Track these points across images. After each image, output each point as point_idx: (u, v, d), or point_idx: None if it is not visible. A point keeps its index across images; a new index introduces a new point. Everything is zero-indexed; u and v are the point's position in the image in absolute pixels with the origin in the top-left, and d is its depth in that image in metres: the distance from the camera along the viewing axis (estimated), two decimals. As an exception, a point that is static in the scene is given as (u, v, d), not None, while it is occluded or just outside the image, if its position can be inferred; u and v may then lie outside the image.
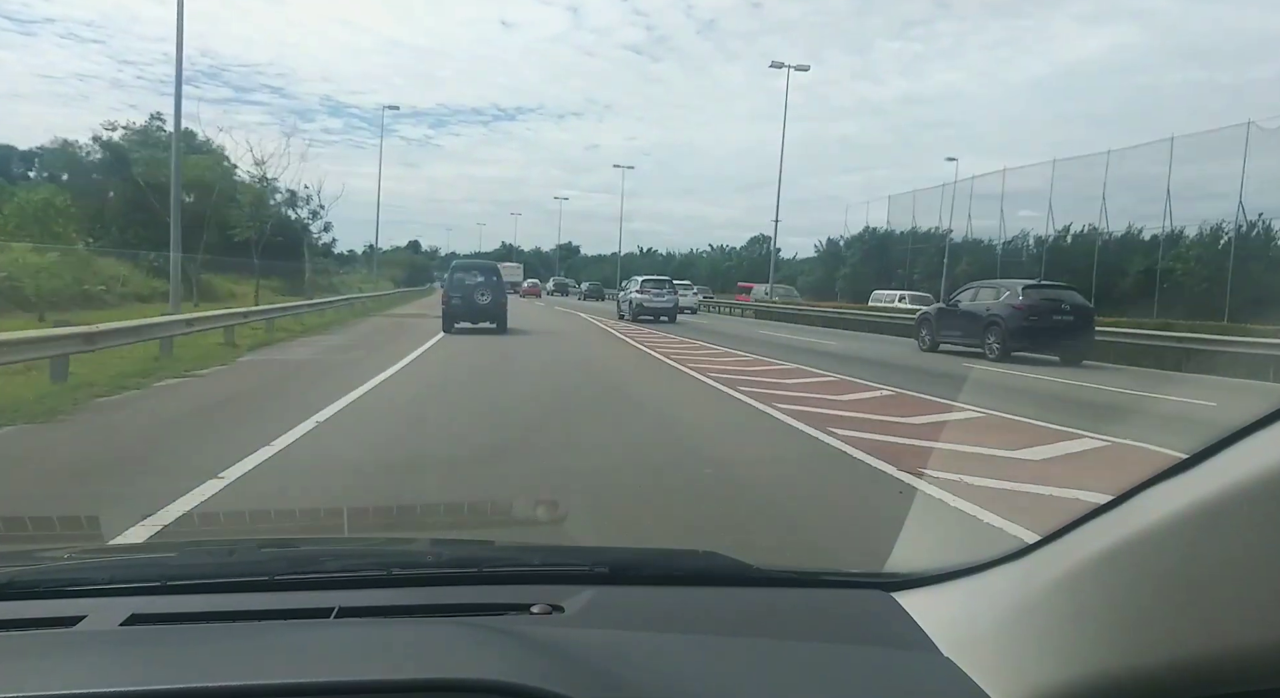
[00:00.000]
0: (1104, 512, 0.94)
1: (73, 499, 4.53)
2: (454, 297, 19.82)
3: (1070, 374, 14.38)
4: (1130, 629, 0.86)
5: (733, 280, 62.67)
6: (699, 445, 6.85)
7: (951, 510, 4.70)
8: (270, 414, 7.64)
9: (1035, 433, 7.57)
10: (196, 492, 4.58)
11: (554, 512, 3.71)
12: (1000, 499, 4.91)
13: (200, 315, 14.69)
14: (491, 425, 7.48)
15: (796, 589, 1.47)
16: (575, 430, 7.42)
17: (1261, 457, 0.75)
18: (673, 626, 1.23)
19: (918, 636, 1.20)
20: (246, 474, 5.09)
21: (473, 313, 19.72)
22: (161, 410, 7.83)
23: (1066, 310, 16.71)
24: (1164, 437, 7.50)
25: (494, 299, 19.73)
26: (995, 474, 5.62)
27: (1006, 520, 4.47)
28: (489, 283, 19.93)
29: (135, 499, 4.33)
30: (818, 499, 5.20)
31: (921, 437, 7.19)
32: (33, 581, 1.30)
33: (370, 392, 9.17)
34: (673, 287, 30.38)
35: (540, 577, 1.41)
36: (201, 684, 0.94)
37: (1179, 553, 0.81)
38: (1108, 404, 10.68)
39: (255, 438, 6.09)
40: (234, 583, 1.32)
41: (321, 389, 9.12)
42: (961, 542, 4.18)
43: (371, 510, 4.06)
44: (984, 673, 1.04)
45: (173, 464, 5.54)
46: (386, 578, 1.36)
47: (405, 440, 6.73)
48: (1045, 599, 0.98)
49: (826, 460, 6.26)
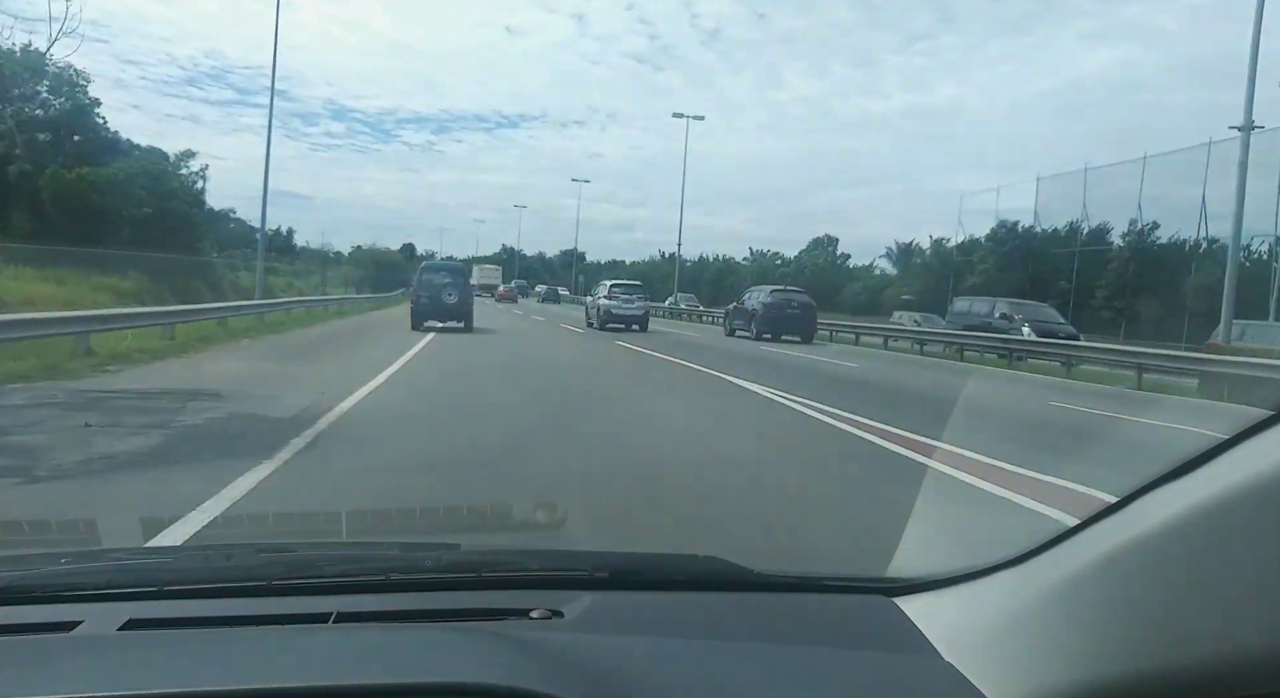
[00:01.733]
0: (1104, 516, 0.93)
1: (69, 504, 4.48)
2: (422, 296, 20.87)
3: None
4: (1131, 634, 0.85)
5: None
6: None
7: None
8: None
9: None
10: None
11: (553, 515, 3.70)
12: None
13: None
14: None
15: (797, 594, 1.46)
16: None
17: (1261, 460, 0.75)
18: (673, 630, 1.23)
19: (919, 640, 1.20)
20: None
21: (440, 312, 20.68)
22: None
23: (795, 307, 24.64)
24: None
25: (460, 299, 20.85)
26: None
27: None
28: (456, 284, 21.04)
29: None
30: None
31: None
32: (29, 585, 1.29)
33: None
34: (643, 293, 27.86)
35: (539, 582, 1.40)
36: (199, 689, 0.94)
37: (1179, 557, 0.80)
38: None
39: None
40: (231, 588, 1.31)
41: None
42: (963, 547, 4.18)
43: (370, 514, 4.05)
44: (985, 678, 1.04)
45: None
46: (385, 583, 1.36)
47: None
48: (1046, 604, 0.98)
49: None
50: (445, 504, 4.37)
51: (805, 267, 67.11)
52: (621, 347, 18.46)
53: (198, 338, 15.34)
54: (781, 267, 70.81)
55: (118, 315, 14.23)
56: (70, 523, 3.47)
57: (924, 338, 24.55)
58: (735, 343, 22.63)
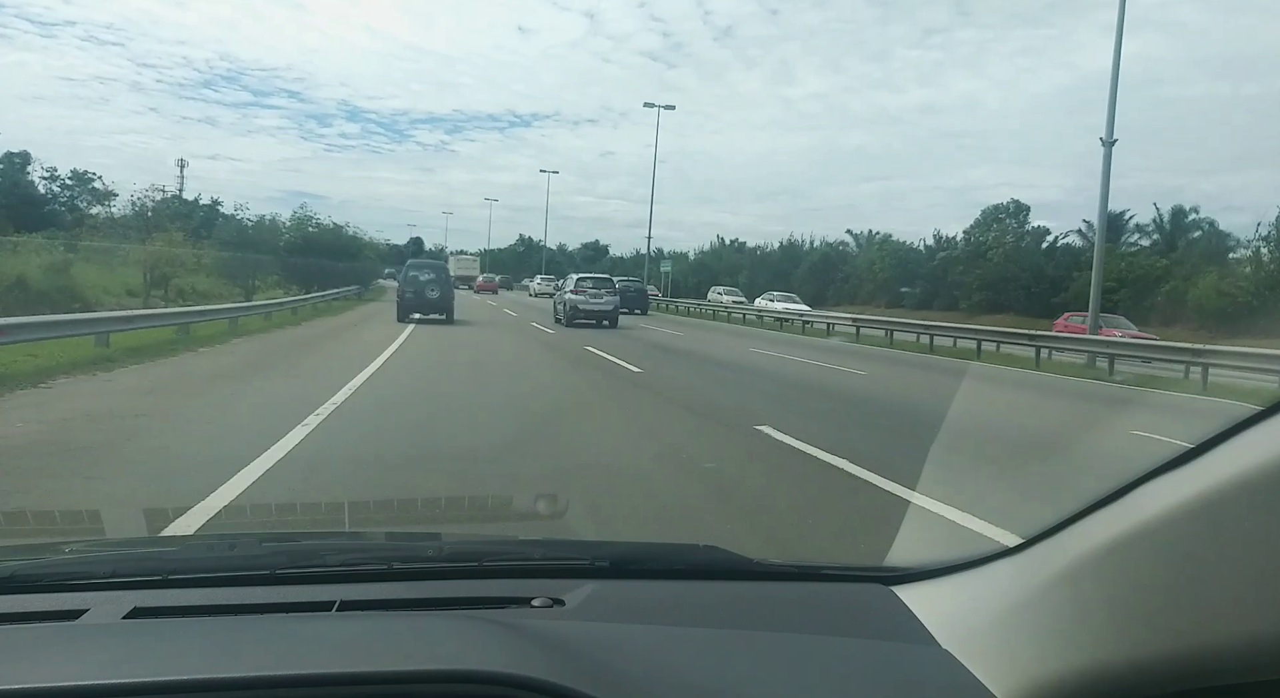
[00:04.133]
0: (1102, 506, 0.94)
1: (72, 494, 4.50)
2: (407, 291, 22.87)
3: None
4: (1128, 622, 0.86)
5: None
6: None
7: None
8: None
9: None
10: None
11: (554, 505, 3.71)
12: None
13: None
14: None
15: (796, 583, 1.47)
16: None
17: (1260, 450, 0.75)
18: (673, 619, 1.23)
19: (917, 629, 1.21)
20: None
21: (423, 305, 22.62)
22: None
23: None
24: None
25: (442, 294, 22.92)
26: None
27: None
28: (439, 280, 23.22)
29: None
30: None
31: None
32: (35, 574, 1.30)
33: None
34: (613, 286, 25.72)
35: (541, 571, 1.41)
36: (203, 677, 0.94)
37: (1177, 547, 0.81)
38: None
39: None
40: (235, 577, 1.32)
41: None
42: (960, 537, 4.20)
43: (372, 504, 4.06)
44: (982, 666, 1.04)
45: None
46: (387, 572, 1.36)
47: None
48: (1043, 593, 0.98)
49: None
50: (447, 495, 4.39)
51: (887, 255, 54.78)
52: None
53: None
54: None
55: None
56: (74, 513, 3.48)
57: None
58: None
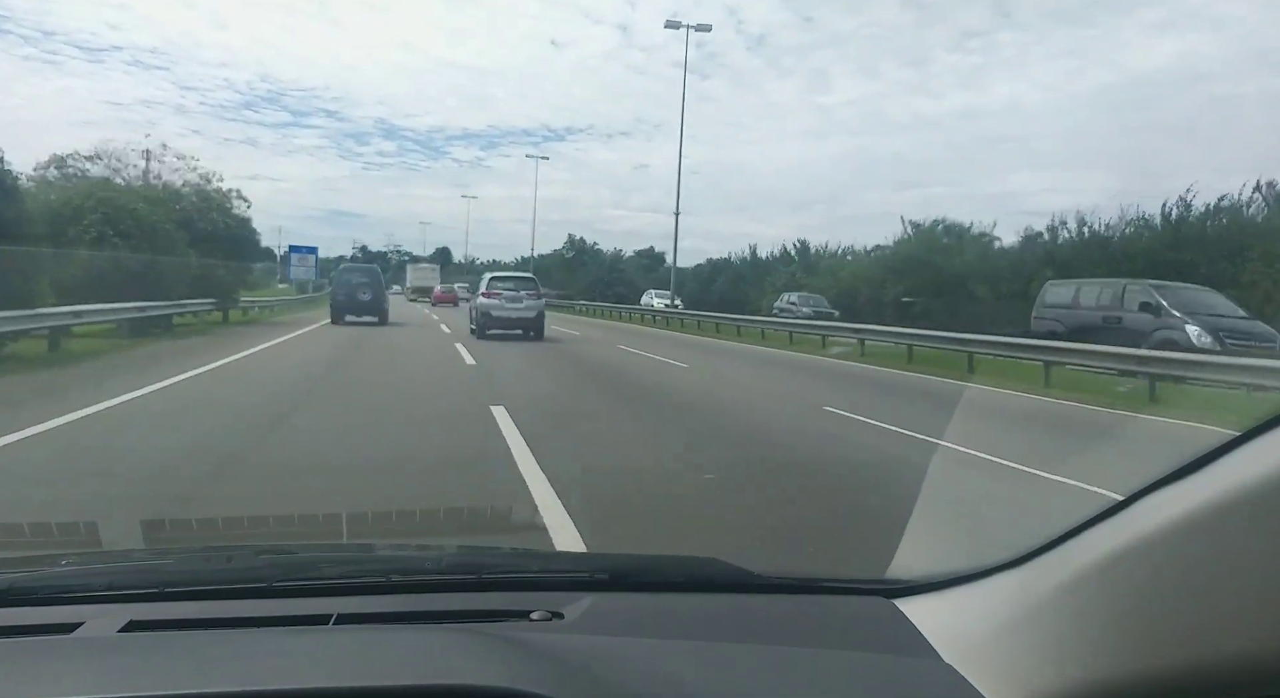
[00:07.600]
0: (1105, 518, 0.93)
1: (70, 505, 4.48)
2: (340, 294, 24.16)
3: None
4: (1132, 635, 0.85)
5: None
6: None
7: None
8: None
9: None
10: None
11: (552, 517, 3.70)
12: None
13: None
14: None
15: (798, 596, 1.46)
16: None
17: (1263, 462, 0.75)
18: (673, 632, 1.22)
19: (919, 642, 1.20)
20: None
21: (356, 308, 23.83)
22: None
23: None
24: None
25: (374, 297, 24.09)
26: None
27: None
28: (371, 284, 24.42)
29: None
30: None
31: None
32: (31, 587, 1.29)
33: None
34: (534, 289, 20.44)
35: (540, 583, 1.40)
36: (199, 691, 0.94)
37: (1181, 559, 0.80)
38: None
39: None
40: (232, 590, 1.31)
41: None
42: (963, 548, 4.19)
43: (370, 516, 4.05)
44: (985, 679, 1.04)
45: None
46: (385, 585, 1.35)
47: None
48: (1046, 605, 0.98)
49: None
50: (445, 506, 4.38)
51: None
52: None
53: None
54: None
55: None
56: (71, 525, 3.47)
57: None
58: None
